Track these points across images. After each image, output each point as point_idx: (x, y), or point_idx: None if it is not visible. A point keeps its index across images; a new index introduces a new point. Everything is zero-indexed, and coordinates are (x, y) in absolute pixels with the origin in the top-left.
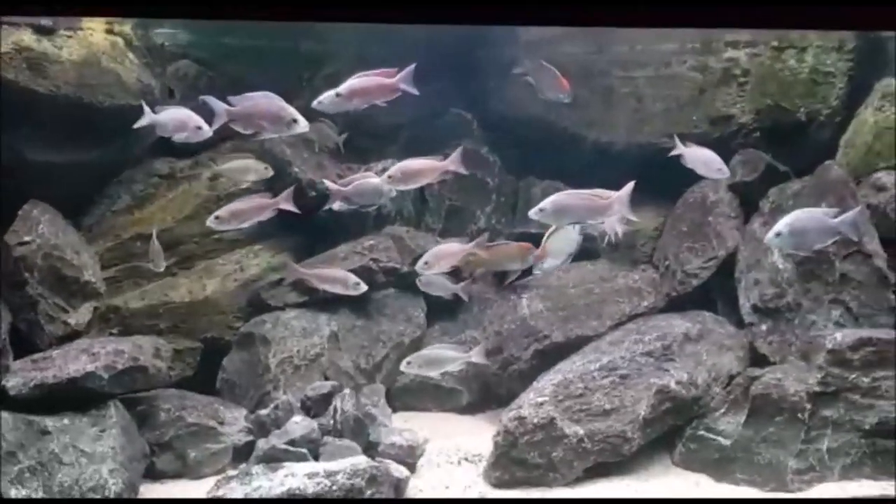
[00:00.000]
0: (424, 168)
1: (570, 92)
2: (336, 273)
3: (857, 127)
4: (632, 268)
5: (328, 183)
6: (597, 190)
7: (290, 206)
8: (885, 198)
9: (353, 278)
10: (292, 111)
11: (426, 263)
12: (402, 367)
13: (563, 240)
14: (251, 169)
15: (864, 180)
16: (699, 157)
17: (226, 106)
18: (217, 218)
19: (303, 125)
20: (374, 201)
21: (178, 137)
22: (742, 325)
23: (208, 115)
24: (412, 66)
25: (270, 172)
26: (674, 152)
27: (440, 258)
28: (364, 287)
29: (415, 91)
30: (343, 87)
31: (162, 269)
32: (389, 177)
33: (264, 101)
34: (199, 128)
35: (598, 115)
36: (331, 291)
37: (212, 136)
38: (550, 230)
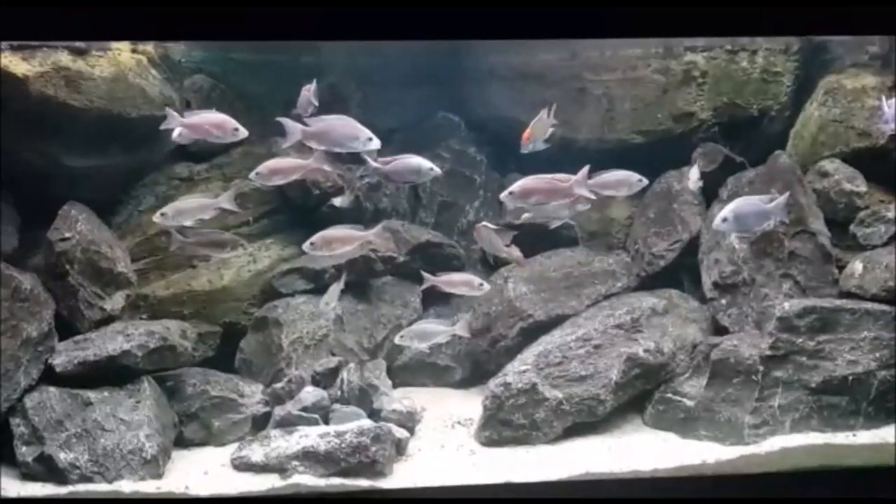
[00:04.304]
0: (289, 167)
1: (525, 145)
2: (463, 277)
3: (803, 120)
4: (607, 252)
5: (369, 160)
6: (557, 175)
7: (231, 206)
8: (829, 183)
9: (478, 280)
10: (367, 132)
11: (312, 244)
12: (396, 339)
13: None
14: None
15: (810, 168)
16: None
17: (301, 126)
18: (162, 214)
19: (377, 143)
20: (414, 179)
21: (214, 139)
22: (705, 300)
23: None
24: (313, 83)
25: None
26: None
27: (328, 241)
28: (487, 287)
29: (315, 103)
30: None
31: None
32: (257, 173)
33: (340, 123)
34: (237, 129)
35: (573, 115)
36: (458, 294)
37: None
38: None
